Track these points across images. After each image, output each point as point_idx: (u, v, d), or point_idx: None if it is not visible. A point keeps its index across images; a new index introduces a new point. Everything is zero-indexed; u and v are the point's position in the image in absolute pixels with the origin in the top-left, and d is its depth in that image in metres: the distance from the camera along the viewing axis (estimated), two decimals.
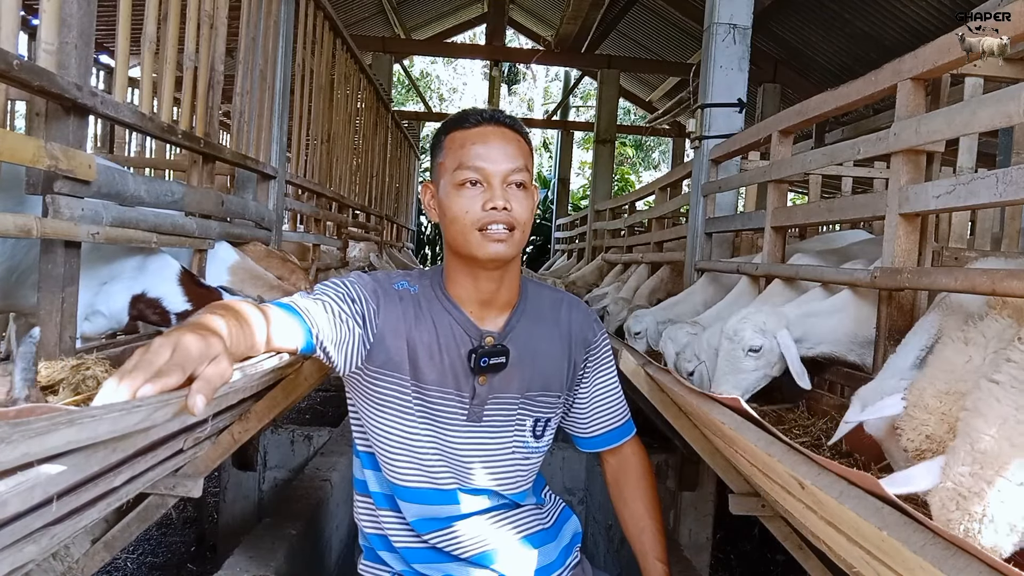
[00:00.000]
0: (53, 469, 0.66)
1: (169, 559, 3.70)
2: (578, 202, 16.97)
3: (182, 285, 1.96)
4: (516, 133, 1.30)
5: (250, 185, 2.99)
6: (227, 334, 0.92)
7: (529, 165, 1.29)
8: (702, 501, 3.13)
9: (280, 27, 3.10)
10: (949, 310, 1.58)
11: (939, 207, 1.69)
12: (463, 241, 1.26)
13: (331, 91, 4.70)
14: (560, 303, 1.45)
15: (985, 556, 0.63)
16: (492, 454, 1.34)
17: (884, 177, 4.10)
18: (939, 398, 1.23)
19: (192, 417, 0.80)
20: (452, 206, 1.26)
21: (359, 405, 1.36)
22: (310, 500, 2.40)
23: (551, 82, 22.87)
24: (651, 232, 5.14)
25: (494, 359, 1.30)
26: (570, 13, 9.06)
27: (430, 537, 1.34)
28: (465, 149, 1.25)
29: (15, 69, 1.28)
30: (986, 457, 0.96)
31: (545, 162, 20.88)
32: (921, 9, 6.40)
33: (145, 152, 4.99)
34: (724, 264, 3.22)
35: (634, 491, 1.52)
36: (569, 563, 1.45)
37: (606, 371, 1.49)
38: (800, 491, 0.97)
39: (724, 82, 3.62)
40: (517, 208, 1.24)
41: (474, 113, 1.30)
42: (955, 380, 1.23)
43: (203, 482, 1.67)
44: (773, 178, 2.70)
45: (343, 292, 1.27)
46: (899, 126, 1.84)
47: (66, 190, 1.48)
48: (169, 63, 2.18)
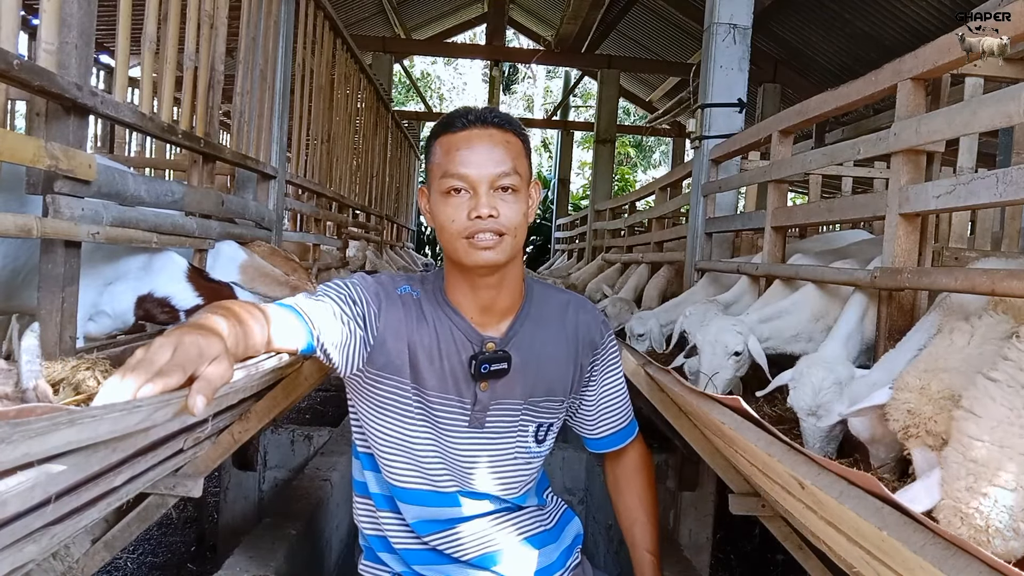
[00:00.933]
0: (53, 469, 0.66)
1: (169, 559, 3.70)
2: (578, 202, 16.97)
3: (191, 281, 1.95)
4: (506, 132, 1.25)
5: (250, 185, 2.99)
6: (228, 334, 0.92)
7: (520, 166, 1.24)
8: (702, 501, 3.13)
9: (280, 27, 3.10)
10: (949, 311, 1.58)
11: (939, 207, 1.69)
12: (452, 249, 1.24)
13: (331, 91, 4.70)
14: (567, 305, 1.42)
15: (985, 556, 0.63)
16: (494, 459, 1.34)
17: (884, 177, 4.11)
18: (919, 376, 1.26)
19: (192, 417, 0.80)
20: (439, 214, 1.23)
21: (359, 407, 1.36)
22: (310, 500, 2.40)
23: (551, 80, 22.87)
24: (651, 232, 5.14)
25: (495, 365, 1.28)
26: (570, 13, 9.07)
27: (430, 539, 1.34)
28: (450, 155, 1.22)
29: (15, 69, 1.28)
30: (979, 467, 0.96)
31: (545, 162, 20.88)
32: (921, 9, 6.40)
33: (145, 152, 4.99)
34: (724, 264, 3.22)
35: (629, 483, 1.53)
36: (570, 564, 1.45)
37: (613, 373, 1.47)
38: (800, 491, 0.97)
39: (724, 82, 3.62)
40: (506, 213, 1.21)
41: (461, 116, 1.26)
42: (935, 360, 1.27)
43: (203, 482, 1.67)
44: (773, 178, 2.70)
45: (345, 294, 1.26)
46: (899, 126, 1.84)
47: (66, 190, 1.48)
48: (169, 63, 2.18)
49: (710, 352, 2.19)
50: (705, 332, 2.24)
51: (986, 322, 1.29)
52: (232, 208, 2.55)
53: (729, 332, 2.16)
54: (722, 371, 2.17)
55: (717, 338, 2.18)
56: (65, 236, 1.51)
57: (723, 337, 2.16)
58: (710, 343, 2.19)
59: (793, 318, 2.28)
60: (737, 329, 2.16)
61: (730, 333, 2.16)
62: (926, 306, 1.90)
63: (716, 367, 2.17)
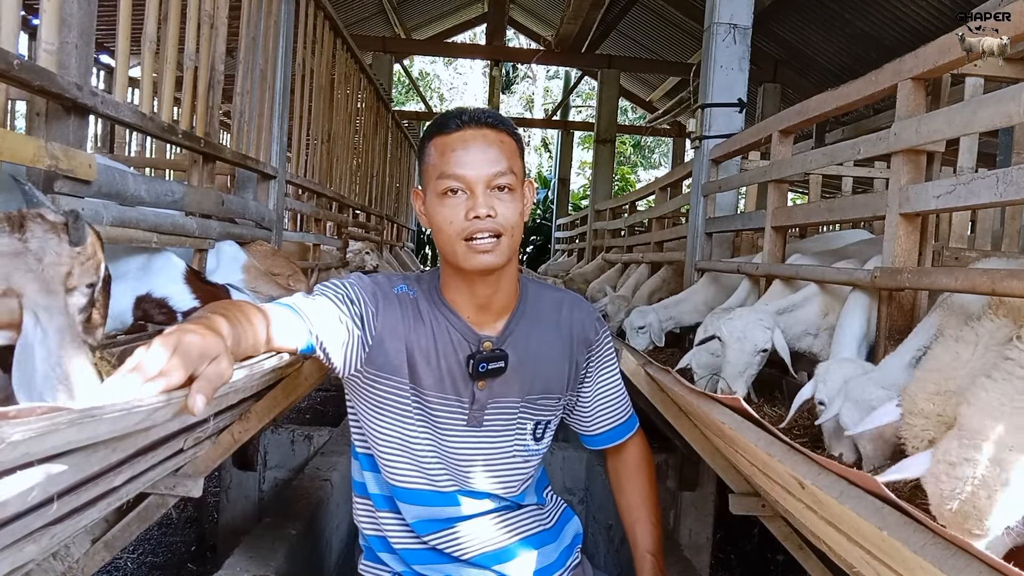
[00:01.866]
0: (53, 469, 0.65)
1: (169, 559, 3.70)
2: (578, 202, 16.97)
3: (188, 283, 1.95)
4: (500, 132, 1.25)
5: (250, 185, 3.00)
6: (228, 334, 0.92)
7: (515, 165, 1.25)
8: (702, 501, 3.13)
9: (280, 27, 3.10)
10: (950, 311, 1.58)
11: (939, 207, 1.69)
12: (451, 251, 1.24)
13: (331, 91, 4.70)
14: (561, 303, 1.43)
15: (985, 556, 0.63)
16: (492, 458, 1.34)
17: (884, 177, 4.10)
18: (931, 400, 1.24)
19: (192, 417, 0.80)
20: (436, 216, 1.23)
21: (358, 407, 1.36)
22: (310, 500, 2.40)
23: (551, 79, 22.87)
24: (651, 232, 5.14)
25: (492, 364, 1.29)
26: (570, 13, 9.05)
27: (430, 538, 1.34)
28: (446, 156, 1.22)
29: (15, 69, 1.28)
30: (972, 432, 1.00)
31: (545, 162, 20.88)
32: (921, 9, 6.39)
33: (145, 152, 4.99)
34: (724, 264, 3.22)
35: (630, 482, 1.53)
36: (570, 564, 1.45)
37: (609, 369, 1.48)
38: (800, 491, 0.97)
39: (724, 82, 3.62)
40: (503, 212, 1.21)
41: (455, 116, 1.26)
42: (944, 379, 1.25)
43: (203, 482, 1.67)
44: (773, 178, 2.70)
45: (342, 294, 1.26)
46: (899, 126, 1.84)
47: (66, 190, 1.48)
48: (169, 63, 2.18)
49: (737, 349, 2.06)
50: (730, 327, 2.10)
51: (988, 328, 1.28)
52: (232, 208, 2.55)
53: (757, 327, 2.04)
54: (748, 369, 2.06)
55: (745, 334, 2.05)
56: None
57: (751, 333, 2.04)
58: (737, 339, 2.06)
59: (804, 312, 2.22)
60: (765, 324, 2.05)
61: (758, 328, 2.04)
62: (926, 306, 1.89)
63: (744, 365, 2.05)
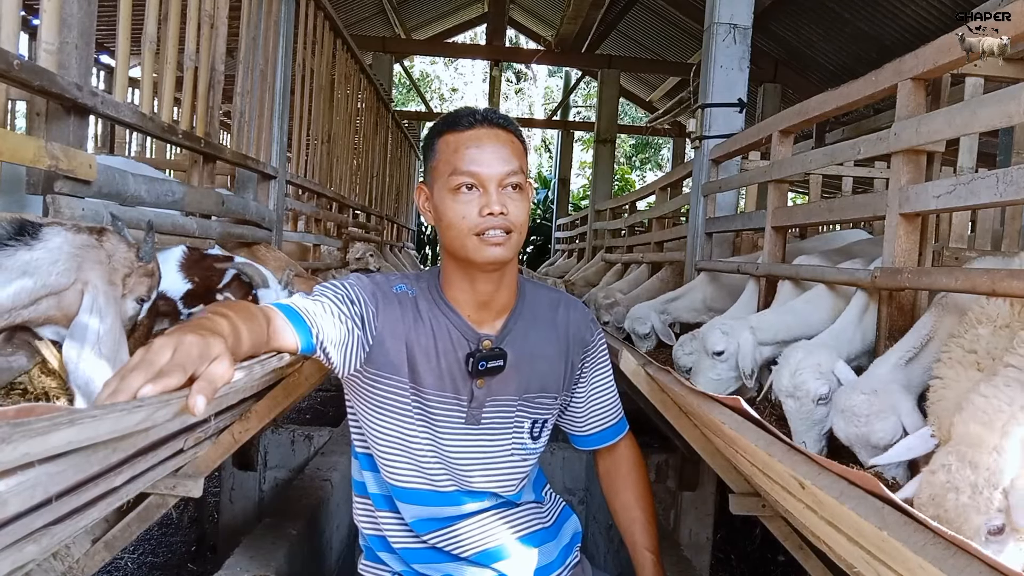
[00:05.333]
0: (53, 469, 0.65)
1: (169, 559, 3.70)
2: (578, 202, 16.96)
3: (182, 269, 1.96)
4: (509, 132, 1.28)
5: (250, 185, 2.99)
6: (228, 334, 0.92)
7: (524, 165, 1.28)
8: (702, 501, 3.13)
9: (280, 27, 3.10)
10: (945, 310, 1.58)
11: (939, 207, 1.69)
12: (460, 246, 1.25)
13: (331, 91, 4.70)
14: (558, 304, 1.44)
15: (985, 556, 0.63)
16: (490, 456, 1.34)
17: (884, 177, 4.10)
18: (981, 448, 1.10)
19: (193, 417, 0.80)
20: (448, 211, 1.24)
21: (358, 407, 1.36)
22: (310, 500, 2.40)
23: (551, 77, 22.86)
24: (651, 232, 5.14)
25: (492, 362, 1.29)
26: (570, 13, 9.05)
27: (429, 537, 1.34)
28: (459, 153, 1.24)
29: (15, 69, 1.28)
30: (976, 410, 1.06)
31: (545, 162, 20.88)
32: (921, 9, 6.39)
33: (145, 152, 4.99)
34: (724, 264, 3.22)
35: (624, 482, 1.53)
36: (569, 563, 1.45)
37: (602, 371, 1.49)
38: (800, 491, 0.97)
39: (724, 82, 3.62)
40: (514, 211, 1.23)
41: (467, 114, 1.28)
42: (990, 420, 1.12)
43: (203, 482, 1.67)
44: (773, 178, 2.70)
45: (342, 294, 1.26)
46: (899, 126, 1.84)
47: (66, 190, 1.48)
48: (169, 63, 2.18)
49: (794, 407, 1.72)
50: (779, 382, 1.75)
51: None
52: (232, 208, 2.55)
53: (808, 371, 1.68)
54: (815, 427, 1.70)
55: (796, 387, 1.69)
56: None
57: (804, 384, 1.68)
58: (788, 395, 1.72)
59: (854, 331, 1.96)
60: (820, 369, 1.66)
61: (809, 376, 1.67)
62: (926, 306, 1.89)
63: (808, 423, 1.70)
